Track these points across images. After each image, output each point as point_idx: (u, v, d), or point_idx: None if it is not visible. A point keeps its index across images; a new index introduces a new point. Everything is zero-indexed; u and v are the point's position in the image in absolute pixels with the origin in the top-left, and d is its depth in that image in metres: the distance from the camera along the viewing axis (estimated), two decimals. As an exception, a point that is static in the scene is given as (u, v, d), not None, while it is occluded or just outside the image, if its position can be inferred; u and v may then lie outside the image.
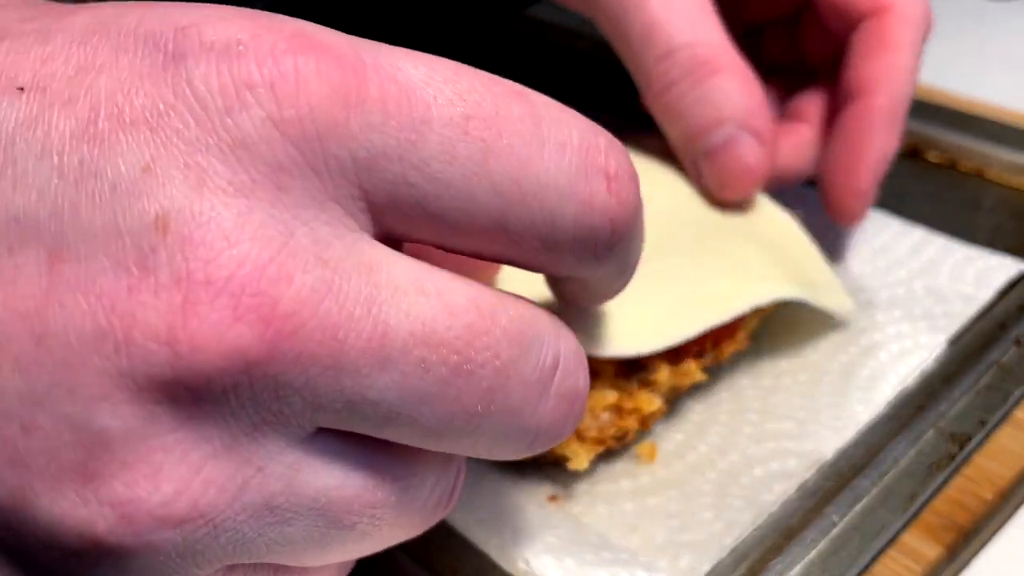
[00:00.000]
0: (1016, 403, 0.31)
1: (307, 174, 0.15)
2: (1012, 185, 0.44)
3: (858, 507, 0.27)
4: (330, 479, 0.17)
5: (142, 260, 0.15)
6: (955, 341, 0.33)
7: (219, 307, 0.14)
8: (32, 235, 0.15)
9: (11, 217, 0.15)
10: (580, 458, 0.27)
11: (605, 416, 0.27)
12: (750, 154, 0.31)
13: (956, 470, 0.28)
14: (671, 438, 0.30)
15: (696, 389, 0.31)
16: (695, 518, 0.27)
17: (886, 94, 0.33)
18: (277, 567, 0.19)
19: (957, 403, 0.30)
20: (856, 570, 0.25)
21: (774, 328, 0.33)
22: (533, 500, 0.27)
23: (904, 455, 0.28)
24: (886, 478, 0.28)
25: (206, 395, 0.15)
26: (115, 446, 0.15)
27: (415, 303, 0.16)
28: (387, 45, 0.17)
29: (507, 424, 0.18)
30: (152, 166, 0.15)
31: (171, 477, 0.15)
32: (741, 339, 0.31)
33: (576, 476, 0.29)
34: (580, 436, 0.27)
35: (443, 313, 0.16)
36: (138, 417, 0.15)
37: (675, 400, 0.31)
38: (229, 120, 0.15)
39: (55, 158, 0.15)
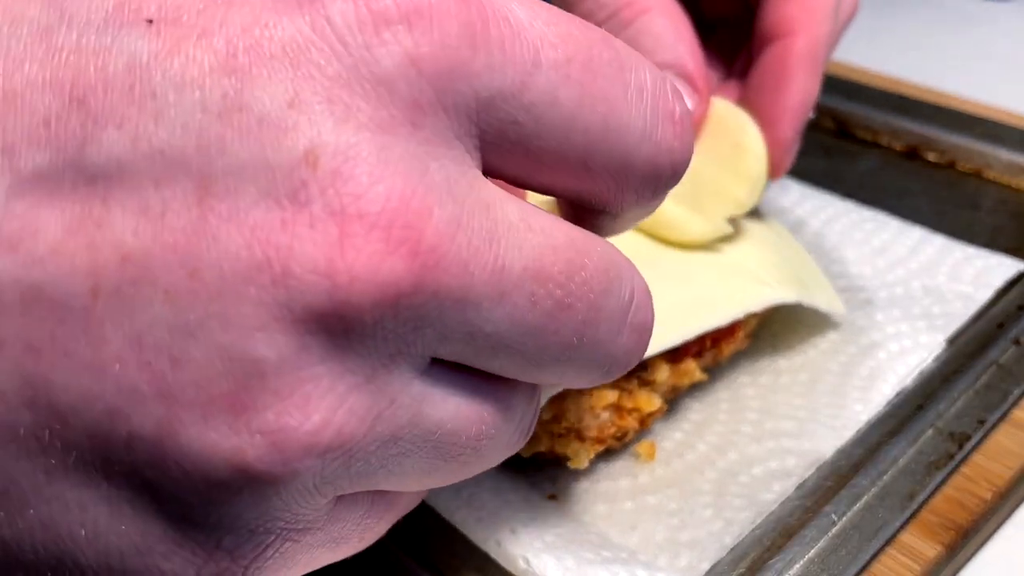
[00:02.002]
0: (1015, 403, 0.31)
1: (438, 111, 0.16)
2: (1011, 185, 0.44)
3: (857, 506, 0.27)
4: (446, 411, 0.17)
5: (294, 193, 0.15)
6: (954, 341, 0.33)
7: (374, 239, 0.15)
8: (179, 168, 0.15)
9: (155, 150, 0.15)
10: (580, 457, 0.27)
11: (605, 415, 0.27)
12: (687, 101, 0.30)
13: (955, 469, 0.29)
14: (670, 437, 0.30)
15: (695, 388, 0.31)
16: (694, 517, 0.27)
17: (804, 35, 0.31)
18: (374, 496, 0.20)
19: (956, 402, 0.30)
20: (855, 569, 0.25)
21: (773, 328, 0.33)
22: (533, 498, 0.27)
23: (903, 454, 0.28)
24: (885, 477, 0.28)
25: (357, 326, 0.15)
26: (268, 376, 0.15)
27: (526, 238, 0.17)
28: None
29: (593, 354, 0.19)
30: (297, 100, 0.15)
31: (319, 407, 0.16)
32: (740, 339, 0.31)
33: (576, 475, 0.29)
34: (580, 435, 0.27)
35: (548, 249, 0.17)
36: (292, 348, 0.15)
37: (674, 399, 0.31)
38: (369, 55, 0.15)
39: (196, 91, 0.15)
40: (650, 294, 0.20)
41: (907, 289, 0.36)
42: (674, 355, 0.29)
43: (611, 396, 0.27)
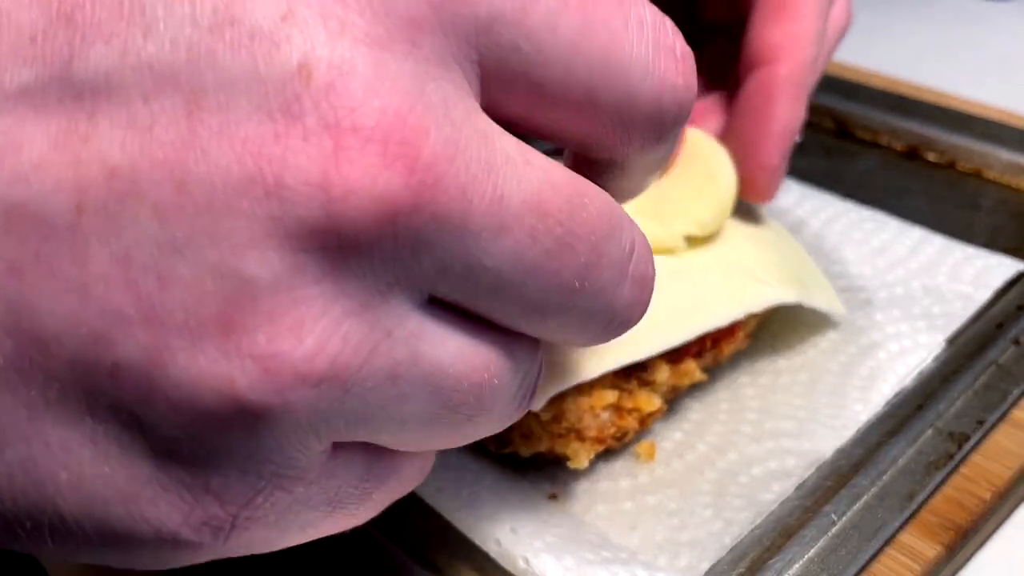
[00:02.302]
0: (1014, 403, 0.31)
1: (436, 31, 0.15)
2: (1011, 185, 0.44)
3: (857, 506, 0.27)
4: (446, 352, 0.17)
5: (287, 107, 0.14)
6: (953, 341, 0.33)
7: (369, 153, 0.14)
8: (168, 82, 0.14)
9: (144, 64, 0.14)
10: (580, 457, 0.27)
11: (605, 415, 0.27)
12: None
13: (954, 469, 0.29)
14: (670, 437, 0.30)
15: (695, 388, 0.32)
16: (694, 517, 0.27)
17: (787, 62, 0.31)
18: (372, 454, 0.19)
19: (955, 402, 0.30)
20: (855, 569, 0.25)
21: (773, 328, 0.33)
22: (533, 498, 0.27)
23: (903, 454, 0.28)
24: (884, 477, 0.28)
25: (353, 243, 0.15)
26: (261, 296, 0.15)
27: (525, 172, 0.16)
28: None
29: (594, 302, 0.18)
30: (290, 14, 0.14)
31: (313, 331, 0.15)
32: (740, 339, 0.31)
33: (576, 475, 0.29)
34: (580, 435, 0.27)
35: (548, 185, 0.16)
36: (285, 266, 0.15)
37: (674, 399, 0.31)
38: None
39: (187, 6, 0.14)
40: (650, 248, 0.20)
41: (907, 289, 0.36)
42: (674, 355, 0.29)
43: (611, 396, 0.27)
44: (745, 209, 0.33)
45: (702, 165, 0.31)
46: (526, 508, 0.26)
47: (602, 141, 0.18)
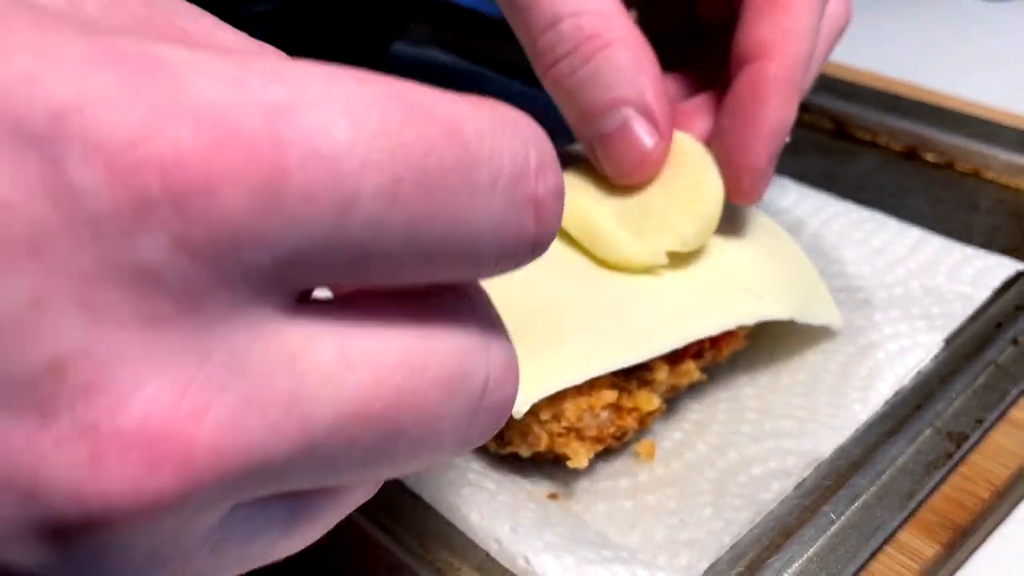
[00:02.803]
0: (1013, 402, 0.31)
1: (220, 290, 0.13)
2: (1009, 185, 0.44)
3: (856, 505, 0.27)
4: None
5: (39, 408, 0.13)
6: (952, 340, 0.33)
7: (131, 461, 0.13)
8: None
9: None
10: (580, 457, 0.27)
11: (604, 415, 0.27)
12: (646, 139, 0.29)
13: (953, 469, 0.29)
14: (670, 437, 0.30)
15: (695, 388, 0.32)
16: (694, 516, 0.27)
17: (779, 58, 0.30)
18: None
19: (954, 402, 0.30)
20: (854, 568, 0.26)
21: (772, 328, 0.33)
22: (533, 498, 0.27)
23: (902, 454, 0.29)
24: (884, 476, 0.28)
25: (114, 546, 0.14)
26: None
27: (341, 385, 0.15)
28: (318, 67, 0.14)
29: (437, 451, 0.17)
30: (40, 301, 0.12)
31: None
32: (739, 339, 0.31)
33: (576, 474, 0.29)
34: (580, 435, 0.27)
35: (371, 384, 0.15)
36: (52, 559, 0.14)
37: (674, 399, 0.31)
38: (127, 245, 0.13)
39: None
40: (513, 365, 0.18)
41: (906, 289, 0.36)
42: (673, 356, 0.29)
43: (610, 396, 0.27)
44: (743, 213, 0.33)
45: (688, 175, 0.30)
46: (526, 507, 0.26)
47: (450, 282, 0.17)
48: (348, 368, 0.15)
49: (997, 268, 0.36)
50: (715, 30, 0.35)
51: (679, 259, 0.30)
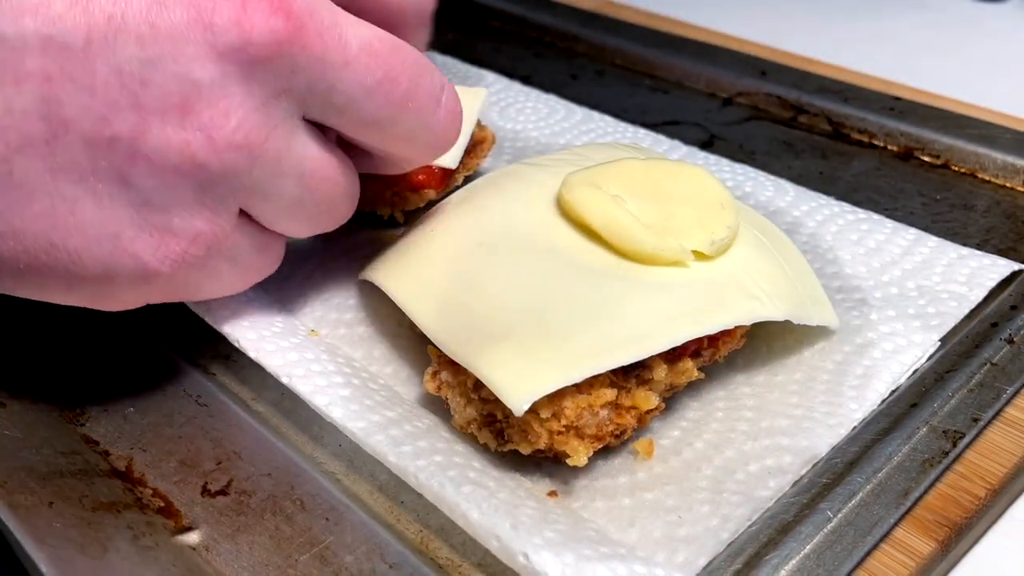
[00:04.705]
0: (1008, 401, 0.31)
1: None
2: (1005, 186, 0.44)
3: (852, 503, 0.27)
4: (309, 151, 0.27)
5: None
6: (948, 340, 0.33)
7: (263, 6, 0.25)
8: None
9: None
10: (579, 455, 0.27)
11: (603, 413, 0.28)
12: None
13: (949, 467, 0.29)
14: (668, 435, 0.30)
15: (692, 387, 0.32)
16: (692, 513, 0.27)
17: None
18: (257, 227, 0.29)
19: (950, 401, 0.31)
20: (850, 565, 0.26)
21: (769, 327, 0.34)
22: (533, 495, 0.28)
23: (898, 452, 0.29)
24: (880, 474, 0.28)
25: (256, 60, 0.25)
26: (204, 91, 0.24)
27: (359, 30, 0.26)
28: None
29: (417, 120, 0.28)
30: None
31: (236, 114, 0.25)
32: (737, 338, 0.31)
33: (575, 472, 0.29)
34: (579, 433, 0.27)
35: (375, 38, 0.27)
36: (219, 73, 0.24)
37: (672, 398, 0.31)
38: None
39: None
40: (455, 93, 0.30)
41: (901, 289, 0.36)
42: (671, 355, 0.29)
43: (609, 394, 0.27)
44: (742, 214, 0.33)
45: (712, 196, 0.32)
46: (526, 505, 0.26)
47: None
48: (360, 24, 0.27)
49: (992, 268, 0.36)
50: None
51: (675, 262, 0.30)
